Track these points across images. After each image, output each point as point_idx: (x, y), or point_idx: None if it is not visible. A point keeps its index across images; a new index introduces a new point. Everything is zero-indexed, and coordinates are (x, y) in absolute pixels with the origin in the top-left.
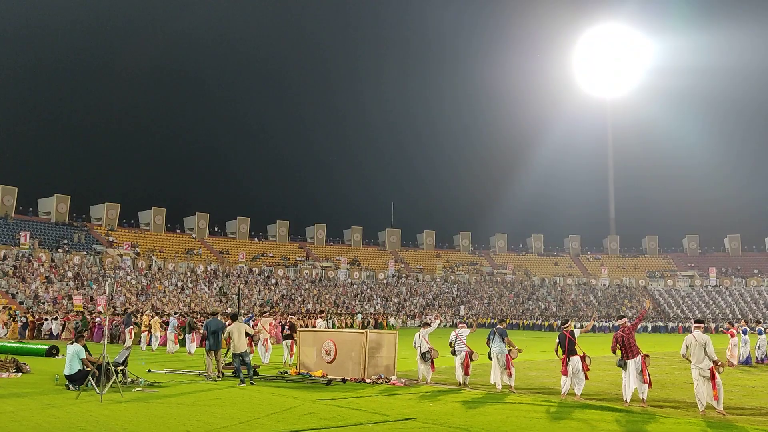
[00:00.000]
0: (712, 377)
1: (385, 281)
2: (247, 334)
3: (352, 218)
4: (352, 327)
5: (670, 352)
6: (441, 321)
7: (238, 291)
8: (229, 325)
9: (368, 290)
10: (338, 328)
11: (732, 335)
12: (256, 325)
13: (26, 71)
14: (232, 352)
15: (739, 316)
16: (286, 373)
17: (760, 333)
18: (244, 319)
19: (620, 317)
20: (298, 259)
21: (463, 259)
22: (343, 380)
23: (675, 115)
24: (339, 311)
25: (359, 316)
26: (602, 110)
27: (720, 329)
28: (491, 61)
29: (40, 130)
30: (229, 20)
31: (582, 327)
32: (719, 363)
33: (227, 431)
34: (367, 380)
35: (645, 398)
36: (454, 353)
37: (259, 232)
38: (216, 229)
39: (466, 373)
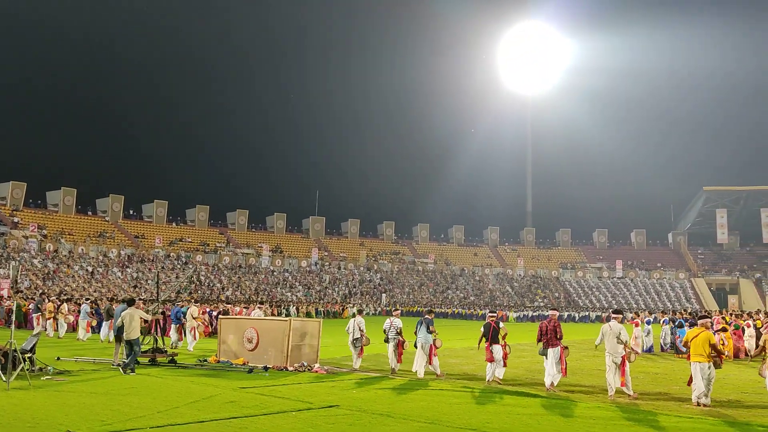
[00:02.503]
0: (622, 364)
1: (307, 269)
2: (145, 321)
3: (275, 205)
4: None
5: (579, 340)
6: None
7: (157, 277)
8: (124, 310)
9: (290, 278)
10: (298, 317)
11: (636, 325)
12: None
13: None
14: (124, 338)
15: (643, 307)
16: (205, 361)
17: (665, 323)
18: (174, 308)
19: (552, 309)
20: (218, 245)
21: (387, 248)
22: (265, 368)
23: (590, 114)
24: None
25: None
26: (524, 107)
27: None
28: (418, 57)
29: None
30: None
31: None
32: (627, 346)
33: (144, 421)
34: (290, 368)
35: (555, 383)
36: (387, 341)
37: (177, 217)
38: (131, 212)
39: (399, 361)
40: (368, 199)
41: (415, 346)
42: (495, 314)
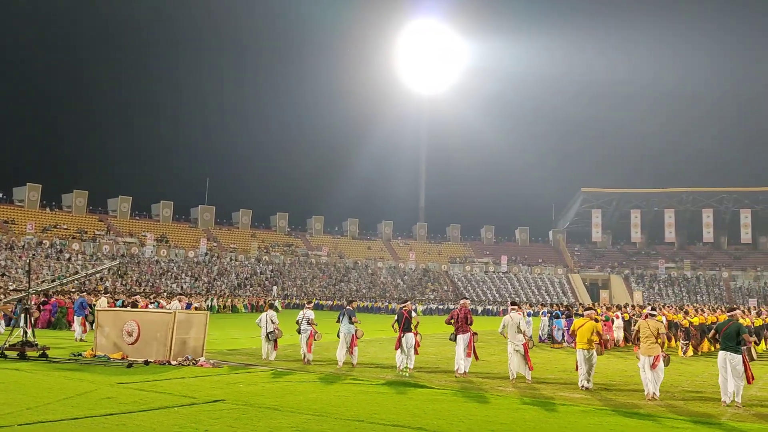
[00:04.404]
0: (525, 352)
1: (195, 260)
2: None
3: (161, 192)
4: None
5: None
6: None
7: (28, 266)
8: None
9: (176, 268)
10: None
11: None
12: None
13: None
14: None
15: (525, 300)
16: (80, 355)
17: (544, 315)
18: (78, 299)
19: (464, 298)
20: (97, 232)
21: (279, 240)
22: (146, 362)
23: (483, 114)
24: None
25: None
26: (422, 106)
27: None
28: (316, 53)
29: None
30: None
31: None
32: (526, 336)
33: (12, 418)
34: (173, 362)
35: (467, 370)
36: (299, 332)
37: (52, 202)
38: (1, 195)
39: (309, 350)
40: (261, 189)
41: (338, 336)
42: (407, 304)
